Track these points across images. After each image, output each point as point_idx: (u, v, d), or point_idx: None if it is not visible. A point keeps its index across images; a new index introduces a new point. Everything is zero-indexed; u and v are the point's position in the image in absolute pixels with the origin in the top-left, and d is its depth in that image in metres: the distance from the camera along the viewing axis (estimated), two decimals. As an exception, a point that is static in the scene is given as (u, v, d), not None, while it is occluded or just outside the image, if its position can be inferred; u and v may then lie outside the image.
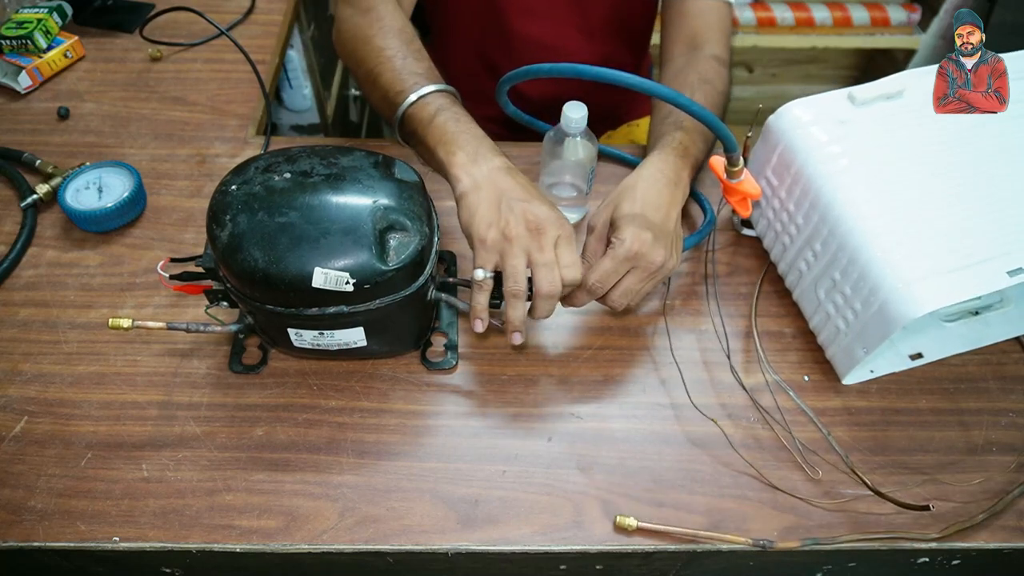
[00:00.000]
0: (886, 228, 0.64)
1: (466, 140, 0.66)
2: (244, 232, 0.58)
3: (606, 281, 0.66)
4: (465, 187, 0.64)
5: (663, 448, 0.67)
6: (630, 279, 0.66)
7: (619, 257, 0.65)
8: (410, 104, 0.69)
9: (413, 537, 0.61)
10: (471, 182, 0.64)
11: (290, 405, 0.69)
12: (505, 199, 0.63)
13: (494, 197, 0.63)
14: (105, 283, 0.77)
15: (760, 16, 1.80)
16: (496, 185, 0.63)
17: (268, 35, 1.07)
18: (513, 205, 0.62)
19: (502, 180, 0.64)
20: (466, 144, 0.65)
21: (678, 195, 0.71)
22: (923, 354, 0.73)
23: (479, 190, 0.63)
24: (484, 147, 0.66)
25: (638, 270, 0.66)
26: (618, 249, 0.65)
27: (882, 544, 0.62)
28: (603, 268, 0.65)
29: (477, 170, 0.64)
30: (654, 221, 0.66)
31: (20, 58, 0.96)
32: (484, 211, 0.62)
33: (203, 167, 0.88)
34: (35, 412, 0.67)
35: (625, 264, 0.65)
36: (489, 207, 0.63)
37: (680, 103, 0.61)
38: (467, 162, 0.65)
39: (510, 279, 0.62)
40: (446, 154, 0.65)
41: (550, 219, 0.62)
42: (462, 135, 0.66)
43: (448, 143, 0.66)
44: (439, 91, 0.70)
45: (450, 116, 0.67)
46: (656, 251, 0.65)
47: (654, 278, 0.68)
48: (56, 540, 0.60)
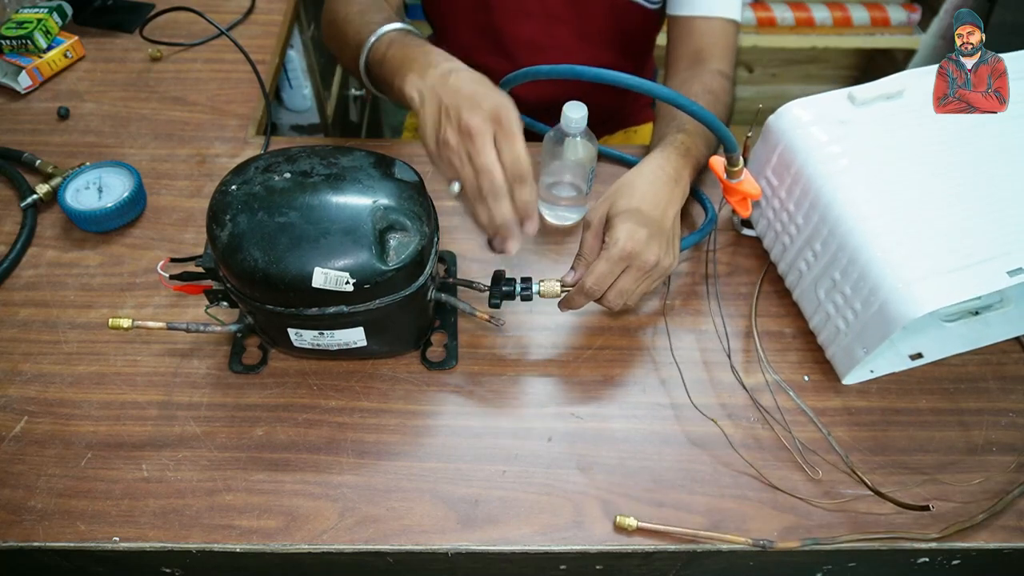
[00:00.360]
0: (886, 228, 0.64)
1: (414, 57, 0.65)
2: (244, 232, 0.58)
3: (602, 283, 0.65)
4: (415, 104, 0.62)
5: (663, 448, 0.67)
6: (625, 279, 0.66)
7: (613, 257, 0.64)
8: (369, 48, 0.69)
9: (413, 537, 0.61)
10: (418, 97, 0.62)
11: (290, 405, 0.69)
12: (444, 107, 0.60)
13: (436, 108, 0.61)
14: (105, 283, 0.77)
15: (760, 16, 1.80)
16: (437, 94, 0.61)
17: (268, 35, 1.07)
18: (451, 112, 0.59)
19: (444, 85, 0.61)
20: (414, 61, 0.64)
21: (677, 193, 0.70)
22: (923, 354, 0.73)
23: (424, 104, 0.61)
24: (432, 57, 0.64)
25: (632, 269, 0.65)
26: (612, 249, 0.64)
27: (882, 544, 0.62)
28: (598, 270, 0.65)
29: (423, 83, 0.62)
30: (651, 219, 0.66)
31: (20, 58, 0.96)
32: (429, 125, 0.61)
33: (203, 167, 0.88)
34: (35, 412, 0.67)
35: (620, 264, 0.65)
36: (433, 119, 0.61)
37: (680, 103, 0.61)
38: (416, 78, 0.63)
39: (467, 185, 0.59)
40: (400, 80, 0.64)
41: (483, 115, 0.58)
42: (409, 56, 0.65)
43: (399, 68, 0.65)
44: (393, 29, 0.70)
45: (399, 45, 0.67)
46: (650, 250, 0.65)
47: (649, 277, 0.67)
48: (56, 540, 0.60)
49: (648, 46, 1.11)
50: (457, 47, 1.05)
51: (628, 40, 1.04)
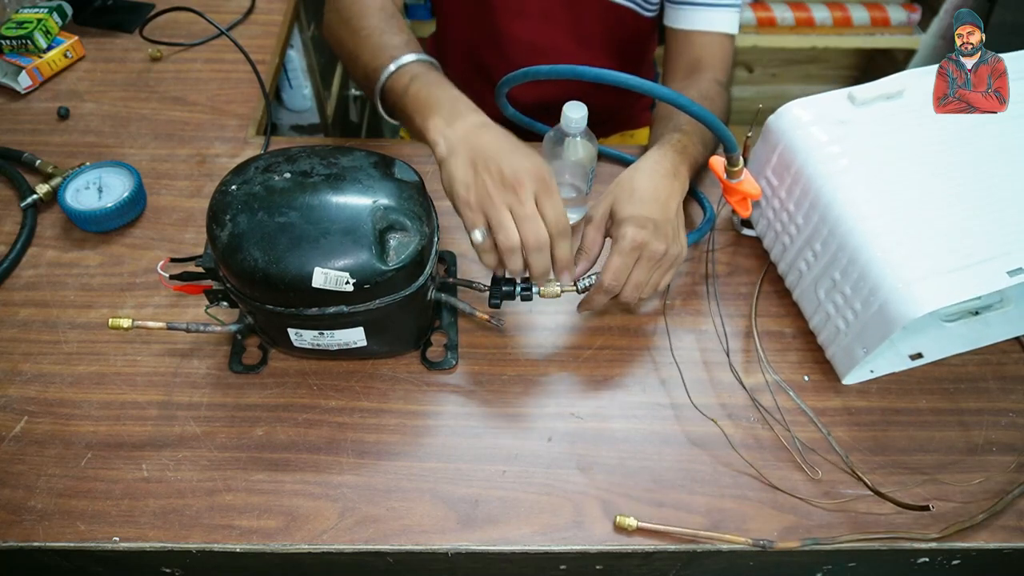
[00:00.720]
0: (886, 228, 0.64)
1: (441, 103, 0.65)
2: (244, 232, 0.58)
3: (619, 277, 0.66)
4: (442, 151, 0.63)
5: (663, 448, 0.67)
6: (637, 272, 0.67)
7: (624, 250, 0.65)
8: (388, 76, 0.68)
9: (413, 537, 0.61)
10: (447, 145, 0.63)
11: (290, 405, 0.69)
12: (481, 159, 0.61)
13: (470, 158, 0.62)
14: (105, 283, 0.77)
15: (760, 16, 1.80)
16: (471, 145, 0.62)
17: (268, 35, 1.07)
18: (489, 164, 0.61)
19: (477, 139, 0.62)
20: (440, 107, 0.65)
21: (676, 186, 0.71)
22: (923, 354, 0.73)
23: (456, 153, 0.62)
24: (459, 106, 0.65)
25: (644, 260, 0.66)
26: (622, 243, 0.65)
27: (882, 544, 0.62)
28: (614, 266, 0.66)
29: (452, 132, 0.63)
30: (654, 210, 0.67)
31: (20, 58, 0.96)
32: (462, 174, 0.61)
33: (203, 167, 0.88)
34: (35, 412, 0.67)
35: (631, 255, 0.66)
36: (466, 169, 0.61)
37: (679, 103, 0.61)
38: (443, 125, 0.64)
39: (500, 234, 0.61)
40: (423, 120, 0.65)
41: (527, 171, 0.60)
42: (436, 98, 0.65)
43: (423, 109, 0.65)
44: (415, 61, 0.69)
45: (424, 82, 0.67)
46: (658, 238, 0.66)
47: (661, 267, 0.68)
48: (56, 540, 0.60)
49: (644, 52, 1.11)
50: (458, 43, 1.06)
51: (623, 45, 1.04)
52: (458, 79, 1.09)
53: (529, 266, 0.62)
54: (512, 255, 0.61)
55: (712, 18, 0.90)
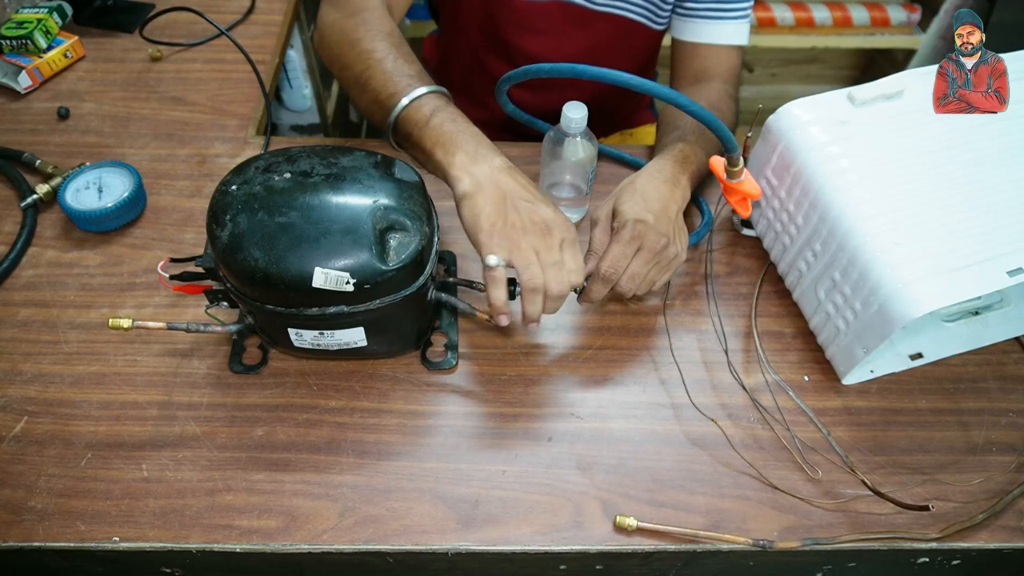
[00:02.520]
0: (886, 228, 0.64)
1: (465, 140, 0.65)
2: (244, 232, 0.58)
3: (618, 266, 0.67)
4: (467, 187, 0.63)
5: (663, 448, 0.67)
6: (636, 263, 0.67)
7: (624, 239, 0.66)
8: (404, 107, 0.67)
9: (413, 537, 0.61)
10: (473, 182, 0.63)
11: (290, 405, 0.69)
12: (509, 199, 0.62)
13: (498, 197, 0.62)
14: (105, 283, 0.77)
15: (760, 16, 1.80)
16: (498, 185, 0.63)
17: (268, 35, 1.07)
18: (519, 204, 0.62)
19: (504, 180, 0.63)
20: (465, 144, 0.65)
21: (677, 193, 0.72)
22: (923, 354, 0.73)
23: (482, 190, 0.62)
24: (483, 146, 0.65)
25: (644, 251, 0.67)
26: (622, 232, 0.66)
27: (882, 544, 0.62)
28: (612, 253, 0.66)
29: (478, 170, 0.63)
30: (654, 208, 0.68)
31: (20, 58, 0.96)
32: (489, 210, 0.62)
33: (203, 167, 0.88)
34: (35, 412, 0.67)
35: (631, 245, 0.66)
36: (494, 207, 0.62)
37: (680, 103, 0.61)
38: (468, 162, 0.64)
39: (526, 272, 0.61)
40: (445, 155, 0.65)
41: (555, 221, 0.63)
42: (460, 135, 0.65)
43: (446, 144, 0.65)
44: (432, 92, 0.68)
45: (446, 116, 0.66)
46: (658, 231, 0.67)
47: (659, 263, 0.68)
48: (56, 540, 0.60)
49: (652, 62, 1.12)
50: (463, 49, 1.05)
51: (632, 58, 1.04)
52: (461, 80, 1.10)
53: (546, 309, 0.64)
54: (535, 295, 0.62)
55: (721, 31, 0.90)
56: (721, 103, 0.86)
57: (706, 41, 0.91)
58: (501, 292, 0.63)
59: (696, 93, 0.88)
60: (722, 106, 0.85)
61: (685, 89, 0.92)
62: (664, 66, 1.05)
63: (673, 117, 0.82)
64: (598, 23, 0.97)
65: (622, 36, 0.99)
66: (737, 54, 0.92)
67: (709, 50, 0.91)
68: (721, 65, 0.91)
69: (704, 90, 0.88)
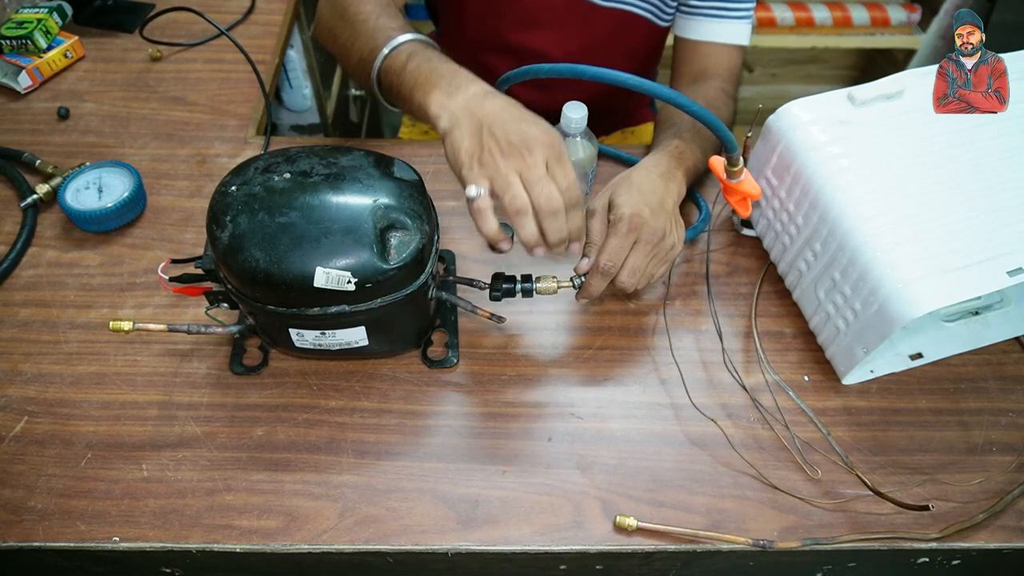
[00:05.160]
0: (886, 228, 0.64)
1: (440, 75, 0.63)
2: (244, 233, 0.58)
3: (616, 258, 0.66)
4: (445, 124, 0.61)
5: (663, 448, 0.67)
6: (635, 255, 0.67)
7: (621, 231, 0.66)
8: (384, 57, 0.67)
9: (413, 537, 0.61)
10: (450, 117, 0.61)
11: (290, 405, 0.69)
12: (486, 127, 0.60)
13: (475, 127, 0.60)
14: (105, 283, 0.77)
15: (760, 16, 1.80)
16: (475, 114, 0.60)
17: (268, 35, 1.07)
18: (495, 131, 0.59)
19: (481, 108, 0.60)
20: (440, 80, 0.63)
21: (672, 187, 0.72)
22: (923, 354, 0.73)
23: (459, 123, 0.60)
24: (459, 78, 0.63)
25: (641, 243, 0.66)
26: (619, 224, 0.66)
27: (882, 544, 0.62)
28: (610, 246, 0.66)
29: (454, 103, 0.61)
30: (651, 200, 0.68)
31: (20, 58, 0.96)
32: (467, 142, 0.59)
33: (203, 167, 0.88)
34: (35, 412, 0.67)
35: (629, 237, 0.66)
36: (471, 137, 0.59)
37: (680, 103, 0.61)
38: (444, 98, 0.62)
39: (507, 194, 0.58)
40: (423, 95, 0.63)
41: (536, 138, 0.59)
42: (434, 73, 0.64)
43: (423, 84, 0.64)
44: (411, 40, 0.68)
45: (422, 58, 0.65)
46: (655, 222, 0.66)
47: (657, 255, 0.68)
48: (56, 540, 0.60)
49: (655, 59, 1.11)
50: (464, 49, 1.05)
51: (636, 54, 1.04)
52: None
53: (544, 232, 0.60)
54: (522, 217, 0.59)
55: (722, 30, 0.91)
56: (718, 101, 0.86)
57: (708, 39, 0.91)
58: (489, 220, 0.60)
59: (694, 92, 0.88)
60: (719, 104, 0.85)
61: (684, 88, 0.92)
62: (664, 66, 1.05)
63: (670, 115, 0.82)
64: (604, 19, 0.97)
65: (626, 32, 0.99)
66: (738, 54, 0.92)
67: (710, 48, 0.92)
68: (721, 64, 0.92)
69: (702, 89, 0.89)
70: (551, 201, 0.58)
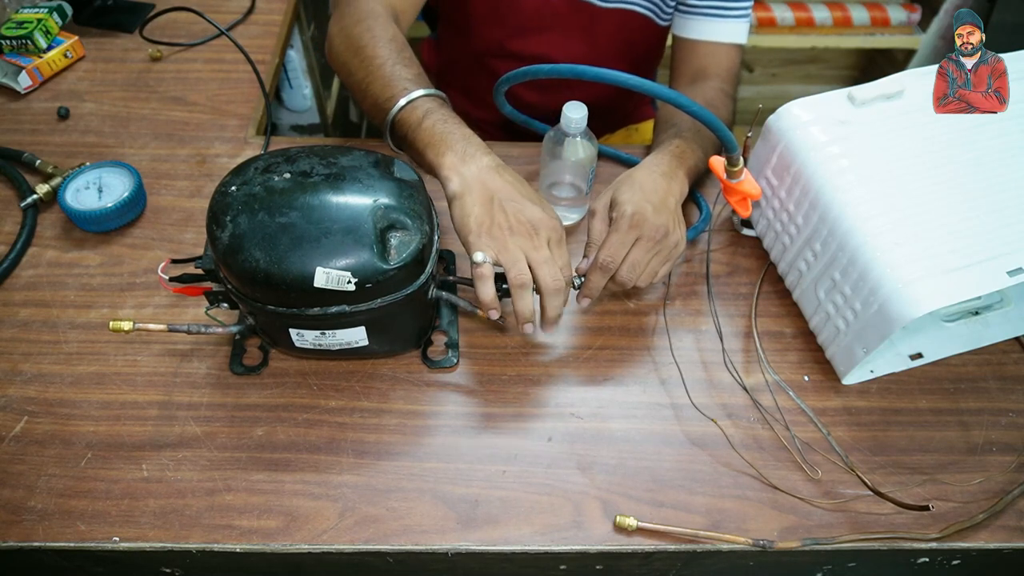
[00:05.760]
0: (886, 228, 0.64)
1: (454, 140, 0.65)
2: (245, 233, 0.58)
3: (616, 255, 0.67)
4: (456, 187, 0.63)
5: (663, 448, 0.67)
6: (636, 251, 0.67)
7: (622, 228, 0.66)
8: (399, 109, 0.68)
9: (413, 537, 0.61)
10: (461, 182, 0.63)
11: (290, 405, 0.69)
12: (497, 199, 0.63)
13: (486, 197, 0.63)
14: (105, 283, 0.77)
15: (760, 16, 1.80)
16: (487, 185, 0.63)
17: (268, 35, 1.07)
18: (506, 205, 0.63)
19: (492, 179, 0.64)
20: (455, 144, 0.65)
21: (675, 186, 0.72)
22: (923, 354, 0.73)
23: (470, 190, 0.63)
24: (472, 146, 0.65)
25: (643, 240, 0.67)
26: (620, 221, 0.67)
27: (882, 544, 0.62)
28: (610, 242, 0.67)
29: (467, 170, 0.64)
30: (652, 198, 0.68)
31: (20, 58, 0.96)
32: (477, 211, 0.62)
33: (203, 167, 0.88)
34: (35, 412, 0.67)
35: (630, 233, 0.66)
36: (482, 207, 0.62)
37: (680, 103, 0.61)
38: (457, 162, 0.64)
39: (513, 269, 0.62)
40: (435, 155, 0.65)
41: (543, 220, 0.63)
42: (450, 135, 0.66)
43: (437, 144, 0.65)
44: (427, 95, 0.69)
45: (438, 118, 0.67)
46: (657, 219, 0.67)
47: (660, 253, 0.69)
48: (56, 540, 0.60)
49: (656, 59, 1.12)
50: (467, 53, 1.05)
51: (637, 53, 1.04)
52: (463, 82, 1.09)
53: (545, 308, 0.65)
54: (524, 292, 0.62)
55: (721, 29, 0.91)
56: (717, 100, 0.86)
57: (706, 39, 0.92)
58: (488, 287, 0.63)
59: (693, 92, 0.89)
60: (718, 104, 0.85)
61: (683, 88, 0.92)
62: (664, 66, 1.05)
63: (670, 115, 0.83)
64: (605, 19, 0.97)
65: (628, 32, 1.00)
66: (736, 53, 0.92)
67: (708, 47, 0.92)
68: (720, 64, 0.92)
69: (701, 89, 0.89)
70: (556, 281, 0.63)
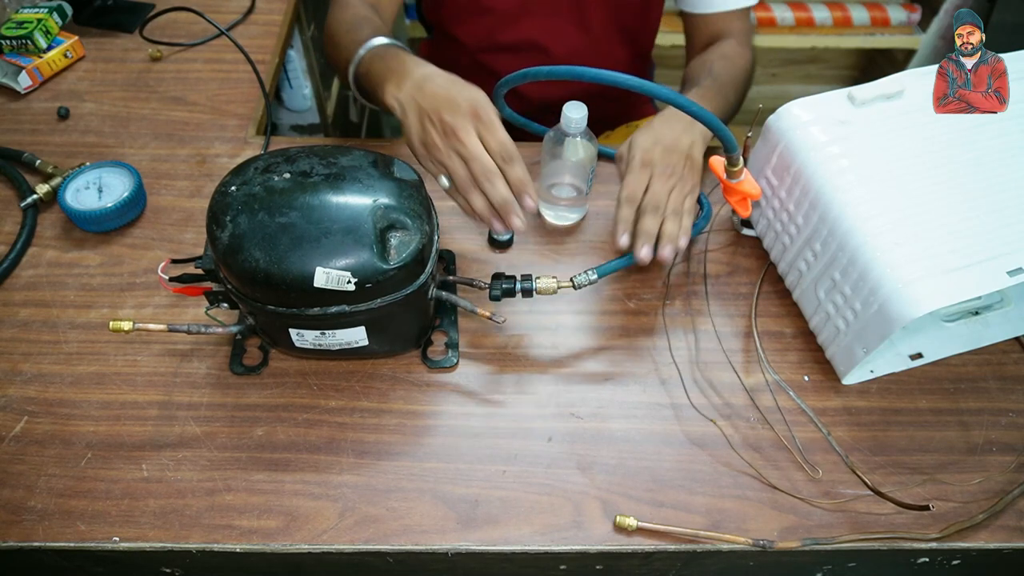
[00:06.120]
0: (886, 228, 0.64)
1: (392, 69, 0.68)
2: (245, 233, 0.58)
3: (635, 189, 0.70)
4: (399, 114, 0.66)
5: (663, 448, 0.67)
6: (655, 184, 0.70)
7: (636, 167, 0.70)
8: (357, 62, 0.72)
9: (413, 537, 0.61)
10: (399, 108, 0.66)
11: (290, 405, 0.69)
12: (426, 112, 0.64)
13: (419, 114, 0.65)
14: (105, 283, 0.77)
15: (760, 16, 1.80)
16: (416, 100, 0.65)
17: (268, 35, 1.07)
18: (432, 115, 0.64)
19: (421, 93, 0.65)
20: (392, 73, 0.68)
21: (694, 129, 0.74)
22: (923, 354, 0.73)
23: (407, 112, 0.66)
24: (406, 67, 0.68)
25: (657, 175, 0.70)
26: (633, 161, 0.70)
27: (882, 544, 0.62)
28: (628, 180, 0.70)
29: (402, 93, 0.66)
30: (664, 139, 0.71)
31: (20, 58, 0.96)
32: (414, 131, 0.65)
33: (203, 167, 0.88)
34: (35, 412, 0.67)
35: (644, 171, 0.70)
36: (417, 126, 0.65)
37: (679, 103, 0.61)
38: (394, 89, 0.67)
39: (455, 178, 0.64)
40: (380, 91, 0.68)
41: (463, 113, 0.63)
42: (388, 68, 0.68)
43: (380, 81, 0.68)
44: (381, 44, 0.72)
45: (381, 58, 0.70)
46: (668, 158, 0.70)
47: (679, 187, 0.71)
48: (56, 540, 0.60)
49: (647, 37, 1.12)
50: (461, 49, 1.05)
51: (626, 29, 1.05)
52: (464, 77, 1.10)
53: (489, 198, 0.64)
54: (471, 193, 0.64)
55: None
56: (732, 52, 0.90)
57: (715, 10, 0.95)
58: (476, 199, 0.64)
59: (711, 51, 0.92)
60: (733, 55, 0.89)
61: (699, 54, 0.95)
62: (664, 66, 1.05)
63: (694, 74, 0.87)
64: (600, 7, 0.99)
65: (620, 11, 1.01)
66: (746, 16, 0.95)
67: (718, 17, 0.95)
68: (732, 28, 0.95)
69: (719, 46, 0.92)
70: (485, 171, 0.63)
